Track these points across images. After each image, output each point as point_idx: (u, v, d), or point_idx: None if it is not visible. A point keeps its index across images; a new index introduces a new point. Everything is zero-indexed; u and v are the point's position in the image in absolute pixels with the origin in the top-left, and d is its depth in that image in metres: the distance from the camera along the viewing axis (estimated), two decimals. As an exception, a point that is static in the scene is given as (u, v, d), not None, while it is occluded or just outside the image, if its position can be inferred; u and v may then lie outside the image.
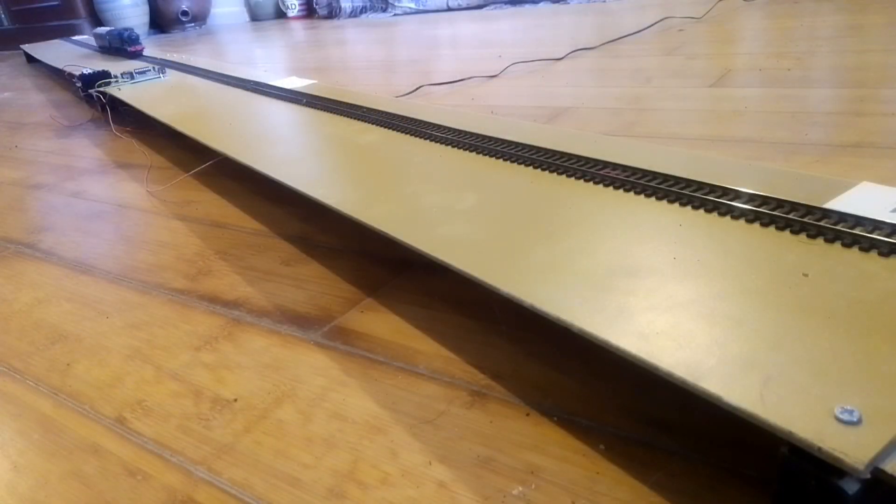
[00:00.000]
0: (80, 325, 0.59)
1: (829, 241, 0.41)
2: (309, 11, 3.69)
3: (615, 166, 0.56)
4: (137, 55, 1.73)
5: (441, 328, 0.51)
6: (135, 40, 1.73)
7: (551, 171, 0.58)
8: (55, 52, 2.24)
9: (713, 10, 1.93)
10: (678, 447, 0.36)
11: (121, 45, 1.78)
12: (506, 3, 2.91)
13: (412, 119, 0.80)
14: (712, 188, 0.49)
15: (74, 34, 2.97)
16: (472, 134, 0.71)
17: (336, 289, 0.59)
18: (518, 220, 0.50)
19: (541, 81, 1.30)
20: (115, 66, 1.56)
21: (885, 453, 0.25)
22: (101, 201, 0.93)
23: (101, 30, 1.98)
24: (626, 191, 0.52)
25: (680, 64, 1.29)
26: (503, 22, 2.40)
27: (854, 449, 0.25)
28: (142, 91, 1.27)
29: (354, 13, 3.43)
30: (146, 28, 3.39)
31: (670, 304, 0.37)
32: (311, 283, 0.61)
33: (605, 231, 0.46)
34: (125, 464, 0.41)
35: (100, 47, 2.01)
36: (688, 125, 0.90)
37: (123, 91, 1.28)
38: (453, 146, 0.69)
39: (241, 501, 0.37)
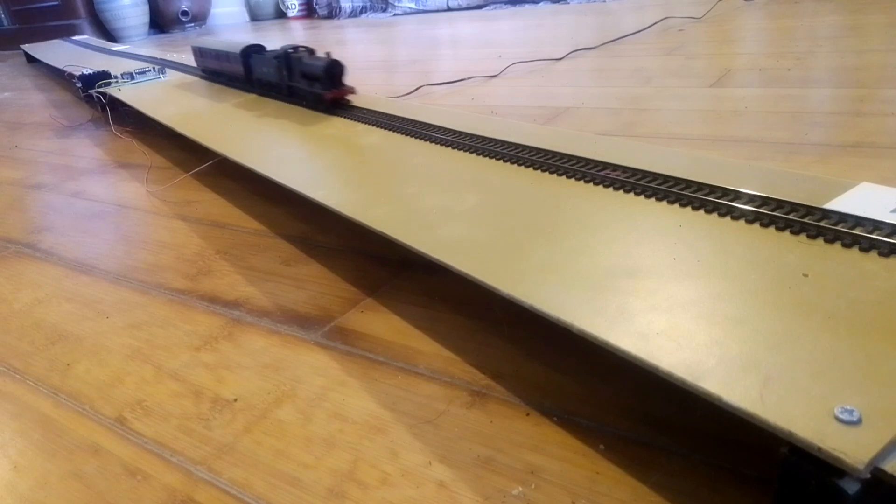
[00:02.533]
0: (80, 325, 0.59)
1: (830, 241, 0.41)
2: (309, 11, 3.69)
3: (615, 167, 0.56)
4: (339, 105, 0.90)
5: (441, 328, 0.51)
6: (338, 77, 0.89)
7: (551, 173, 0.58)
8: (55, 52, 2.24)
9: (713, 10, 1.93)
10: (678, 447, 0.36)
11: (289, 82, 0.95)
12: (506, 3, 2.91)
13: (412, 120, 0.80)
14: (712, 189, 0.49)
15: (74, 34, 2.97)
16: (472, 135, 0.71)
17: (336, 289, 0.59)
18: (518, 221, 0.50)
19: (541, 81, 1.30)
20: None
21: (885, 453, 0.25)
22: (101, 201, 0.93)
23: (230, 44, 1.12)
24: (627, 191, 0.52)
25: (680, 64, 1.29)
26: (503, 22, 2.40)
27: (854, 449, 0.25)
28: (142, 91, 1.27)
29: (354, 13, 3.43)
30: (146, 28, 3.39)
31: (670, 305, 0.37)
32: (311, 283, 0.61)
33: (605, 232, 0.46)
34: (125, 464, 0.41)
35: (212, 74, 1.22)
36: (688, 125, 0.90)
37: (123, 91, 1.28)
38: (453, 147, 0.69)
39: (241, 501, 0.37)
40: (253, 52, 1.06)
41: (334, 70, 0.87)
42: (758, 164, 0.54)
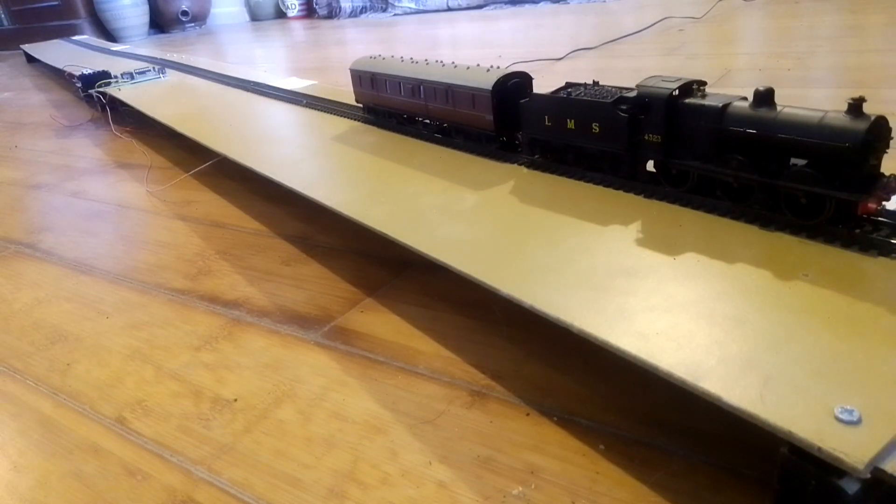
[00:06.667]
0: (80, 325, 0.59)
1: (829, 241, 0.41)
2: (309, 11, 3.69)
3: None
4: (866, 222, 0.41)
5: (441, 328, 0.51)
6: (877, 157, 0.41)
7: (550, 172, 0.58)
8: (55, 52, 2.24)
9: (713, 10, 1.93)
10: (678, 447, 0.36)
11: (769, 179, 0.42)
12: (506, 3, 2.91)
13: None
14: (712, 188, 0.49)
15: (74, 34, 2.97)
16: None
17: (336, 289, 0.59)
18: (518, 221, 0.50)
19: (541, 81, 1.29)
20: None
21: (884, 453, 0.25)
22: (101, 201, 0.93)
23: (601, 93, 0.53)
24: (626, 191, 0.52)
25: (680, 64, 1.29)
26: (503, 22, 2.40)
27: (854, 449, 0.25)
28: (142, 91, 1.27)
29: (354, 13, 3.43)
30: (146, 28, 3.38)
31: (670, 305, 0.37)
32: (311, 283, 0.61)
33: (605, 231, 0.46)
34: (125, 464, 0.41)
35: (442, 130, 0.71)
36: (688, 125, 0.90)
37: (123, 91, 1.28)
38: (452, 147, 0.69)
39: (241, 501, 0.37)
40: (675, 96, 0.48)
41: (876, 143, 0.41)
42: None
